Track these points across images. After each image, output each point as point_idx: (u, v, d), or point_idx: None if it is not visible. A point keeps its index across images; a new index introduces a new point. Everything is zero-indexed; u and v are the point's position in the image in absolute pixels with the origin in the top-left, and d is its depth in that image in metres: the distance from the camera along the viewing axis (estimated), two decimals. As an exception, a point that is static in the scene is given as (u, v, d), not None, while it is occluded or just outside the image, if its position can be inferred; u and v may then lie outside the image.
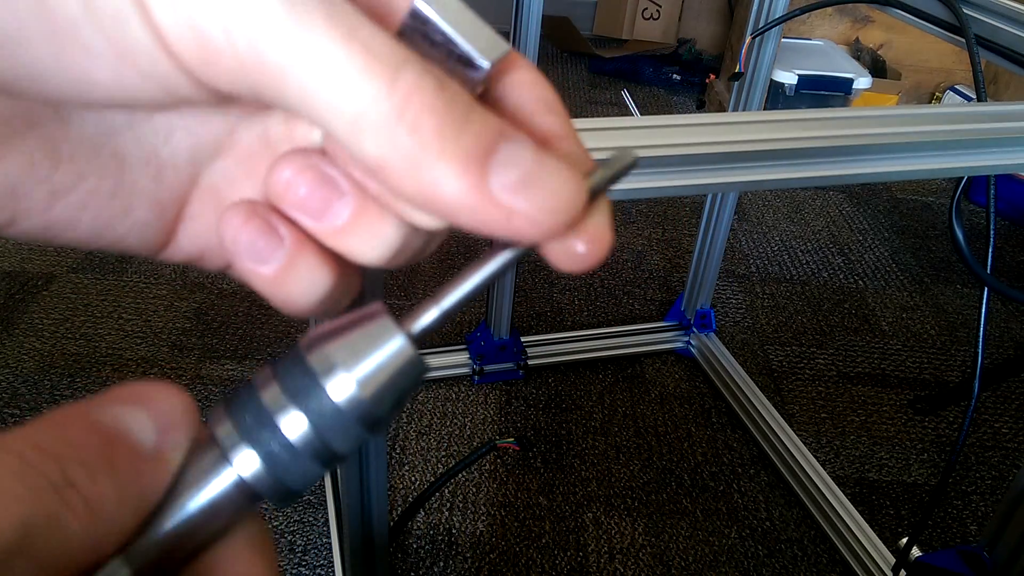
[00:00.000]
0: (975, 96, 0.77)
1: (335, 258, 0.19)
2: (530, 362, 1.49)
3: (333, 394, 0.17)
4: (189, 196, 0.20)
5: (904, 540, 1.03)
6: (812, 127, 0.54)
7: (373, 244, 0.18)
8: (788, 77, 2.21)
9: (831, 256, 1.96)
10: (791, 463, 1.32)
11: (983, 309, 0.81)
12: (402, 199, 0.17)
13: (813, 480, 1.28)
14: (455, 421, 1.40)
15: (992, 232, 0.79)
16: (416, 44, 0.16)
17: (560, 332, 1.58)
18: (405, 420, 1.39)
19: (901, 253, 2.00)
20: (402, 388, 0.17)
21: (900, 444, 1.43)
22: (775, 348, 1.64)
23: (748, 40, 1.21)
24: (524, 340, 1.50)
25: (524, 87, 0.18)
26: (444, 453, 1.34)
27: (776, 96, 2.24)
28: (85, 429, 0.15)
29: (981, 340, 0.84)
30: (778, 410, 1.41)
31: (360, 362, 0.17)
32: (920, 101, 2.62)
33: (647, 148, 0.51)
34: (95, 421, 0.16)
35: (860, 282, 1.87)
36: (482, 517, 1.24)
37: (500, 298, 1.42)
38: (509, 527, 1.23)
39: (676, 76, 2.81)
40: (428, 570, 1.16)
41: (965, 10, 0.80)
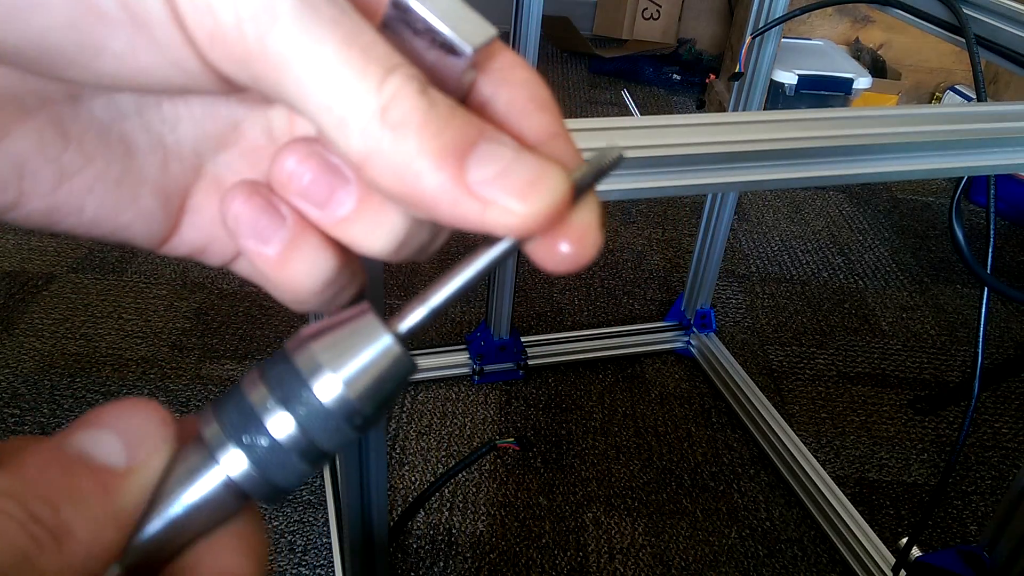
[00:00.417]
0: (975, 96, 0.77)
1: (338, 244, 0.19)
2: (530, 362, 1.49)
3: (320, 394, 0.17)
4: (193, 187, 0.20)
5: (904, 540, 1.03)
6: (812, 127, 0.54)
7: (378, 234, 0.18)
8: (788, 77, 2.21)
9: (831, 256, 1.96)
10: (791, 463, 1.32)
11: (983, 309, 0.81)
12: (385, 194, 0.17)
13: (813, 480, 1.28)
14: (455, 421, 1.40)
15: (992, 232, 0.79)
16: (399, 32, 0.17)
17: (560, 332, 1.58)
18: (405, 420, 1.39)
19: (901, 253, 2.00)
20: (389, 388, 0.17)
21: (900, 444, 1.43)
22: (775, 348, 1.64)
23: (748, 40, 1.21)
24: (524, 340, 1.50)
25: (516, 85, 0.18)
26: (444, 453, 1.34)
27: (776, 96, 2.24)
28: (45, 464, 0.16)
29: (981, 340, 0.84)
30: (778, 410, 1.41)
31: (346, 362, 0.17)
32: (920, 101, 2.62)
33: (647, 148, 0.51)
34: (56, 454, 0.16)
35: (860, 282, 1.87)
36: (482, 517, 1.24)
37: (500, 298, 1.42)
38: (509, 527, 1.23)
39: (676, 76, 2.81)
40: (428, 570, 1.16)
41: (965, 10, 0.80)
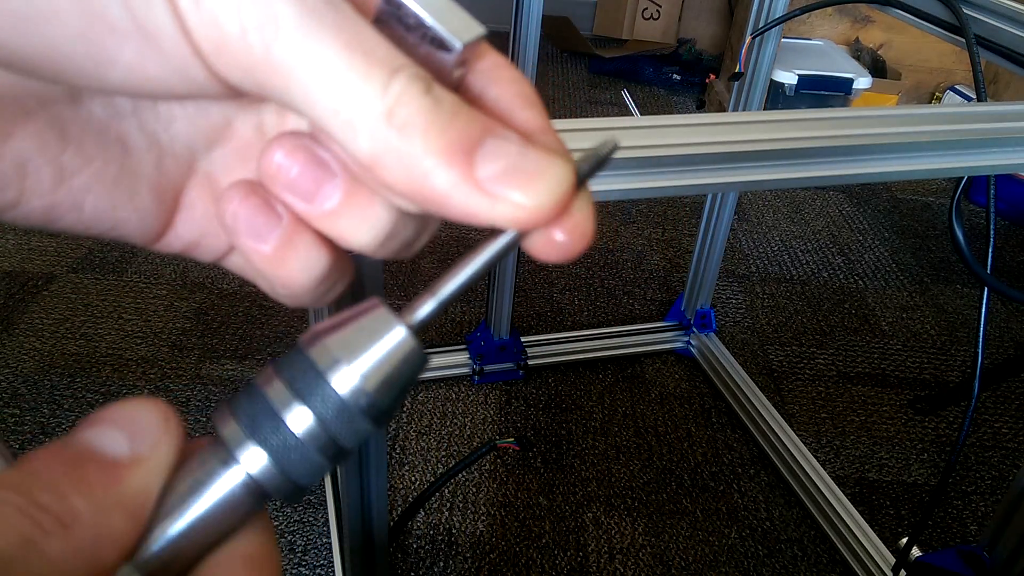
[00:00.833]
0: (975, 96, 0.77)
1: (331, 241, 0.20)
2: (530, 362, 1.49)
3: (337, 387, 0.17)
4: (186, 184, 0.21)
5: (904, 540, 1.03)
6: (812, 127, 0.54)
7: (364, 228, 0.19)
8: (788, 77, 2.21)
9: (831, 256, 1.96)
10: (791, 463, 1.32)
11: (983, 309, 0.81)
12: (395, 193, 0.17)
13: (813, 480, 1.28)
14: (455, 421, 1.40)
15: (992, 232, 0.79)
16: (392, 28, 0.17)
17: (560, 332, 1.58)
18: (405, 420, 1.39)
19: (901, 253, 2.00)
20: (404, 379, 0.18)
21: (900, 444, 1.43)
22: (775, 348, 1.64)
23: (748, 40, 1.21)
24: (524, 340, 1.50)
25: (503, 83, 0.19)
26: (444, 453, 1.34)
27: (776, 96, 2.24)
28: (51, 459, 0.16)
29: (981, 340, 0.84)
30: (778, 410, 1.41)
31: (362, 355, 0.17)
32: (920, 101, 2.62)
33: (647, 148, 0.51)
34: (62, 450, 0.16)
35: (860, 282, 1.87)
36: (482, 517, 1.24)
37: (500, 298, 1.42)
38: (509, 527, 1.23)
39: (676, 76, 2.81)
40: (428, 570, 1.16)
41: (965, 10, 0.80)
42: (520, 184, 0.16)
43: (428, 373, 1.47)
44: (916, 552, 1.02)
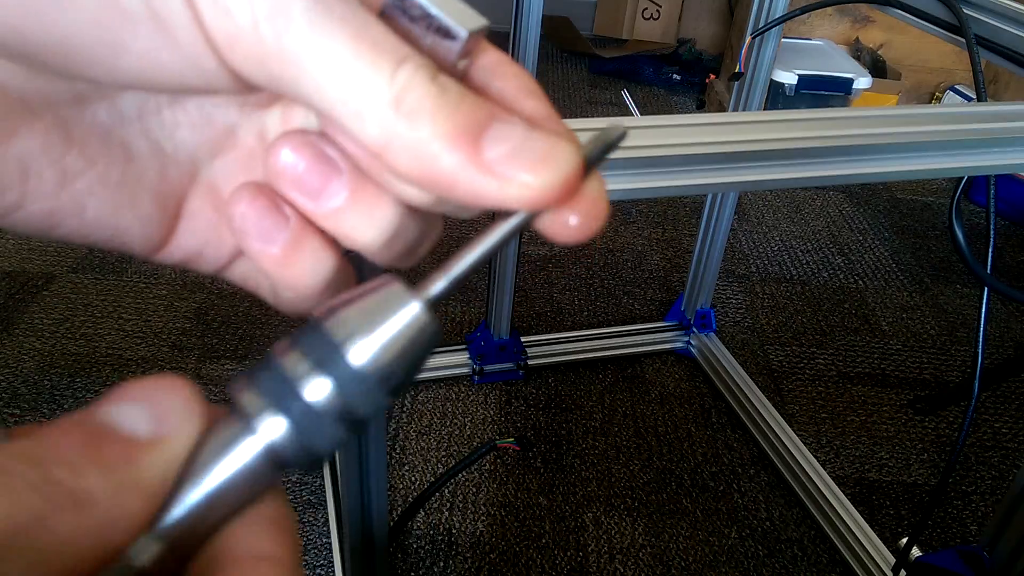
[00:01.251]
0: (975, 96, 0.77)
1: (336, 243, 0.20)
2: (530, 362, 1.49)
3: (354, 358, 0.17)
4: (189, 192, 0.21)
5: (904, 540, 1.03)
6: (812, 127, 0.54)
7: (370, 225, 0.19)
8: (788, 77, 2.21)
9: (831, 256, 1.96)
10: (791, 463, 1.32)
11: (983, 309, 0.81)
12: (405, 179, 0.18)
13: (813, 480, 1.28)
14: (455, 421, 1.40)
15: (992, 232, 0.79)
16: (397, 20, 0.18)
17: (560, 332, 1.58)
18: (405, 420, 1.39)
19: (901, 253, 2.00)
20: (418, 352, 0.18)
21: (900, 444, 1.43)
22: (775, 348, 1.64)
23: (748, 40, 1.21)
24: (524, 340, 1.50)
25: (507, 77, 0.19)
26: (444, 453, 1.34)
27: (776, 96, 2.24)
28: (70, 432, 0.16)
29: (981, 340, 0.84)
30: (778, 410, 1.41)
31: (378, 328, 0.18)
32: (920, 101, 2.62)
33: (647, 148, 0.51)
34: (83, 424, 0.16)
35: (860, 282, 1.87)
36: (482, 517, 1.24)
37: (500, 298, 1.42)
38: (509, 527, 1.23)
39: (676, 76, 2.81)
40: (428, 570, 1.16)
41: (965, 10, 0.80)
42: (527, 165, 0.17)
43: (428, 373, 1.47)
44: (916, 552, 1.02)
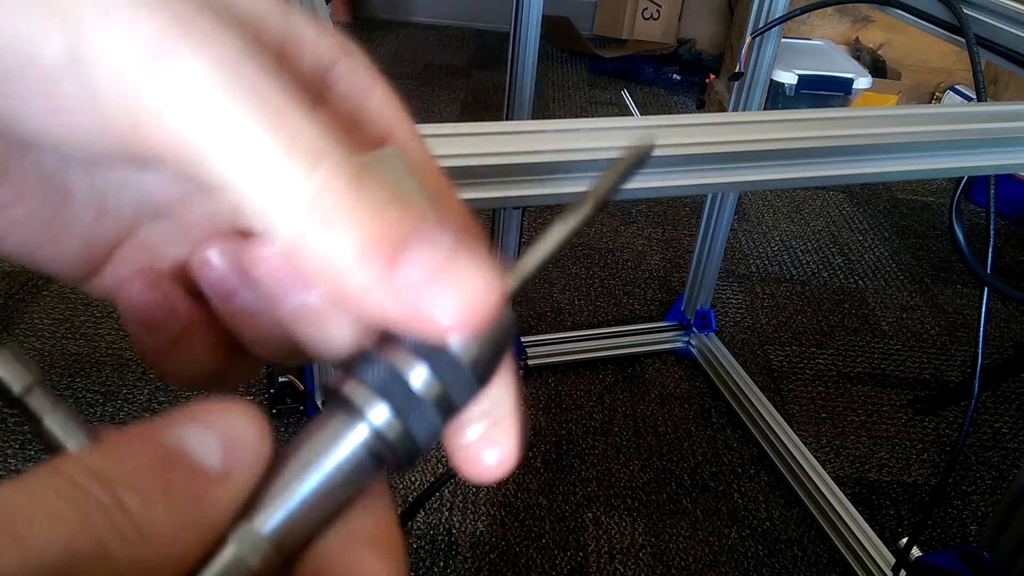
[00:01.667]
0: (975, 96, 0.77)
1: (228, 344, 0.20)
2: (530, 362, 1.49)
3: (453, 347, 0.18)
4: (122, 243, 0.20)
5: (904, 540, 1.03)
6: (812, 127, 0.54)
7: (268, 340, 0.19)
8: (788, 77, 2.21)
9: (831, 256, 1.96)
10: (791, 463, 1.32)
11: (983, 309, 0.81)
12: (311, 284, 0.17)
13: (813, 480, 1.28)
14: (455, 421, 1.40)
15: (992, 232, 0.79)
16: None
17: (560, 332, 1.58)
18: (405, 420, 1.39)
19: (901, 253, 2.00)
20: (503, 341, 0.18)
21: (900, 444, 1.43)
22: (775, 348, 1.64)
23: (748, 40, 1.21)
24: (524, 340, 1.50)
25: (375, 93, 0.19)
26: (444, 453, 1.34)
27: (776, 96, 2.24)
28: (142, 451, 0.15)
29: (981, 340, 0.84)
30: (778, 410, 1.41)
31: None
32: (920, 101, 2.62)
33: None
34: (154, 443, 0.15)
35: (860, 282, 1.87)
36: (482, 517, 1.24)
37: (500, 298, 1.42)
38: (509, 527, 1.23)
39: (676, 76, 2.81)
40: (428, 570, 1.16)
41: (965, 10, 0.80)
42: (440, 298, 0.15)
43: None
44: (916, 552, 1.03)
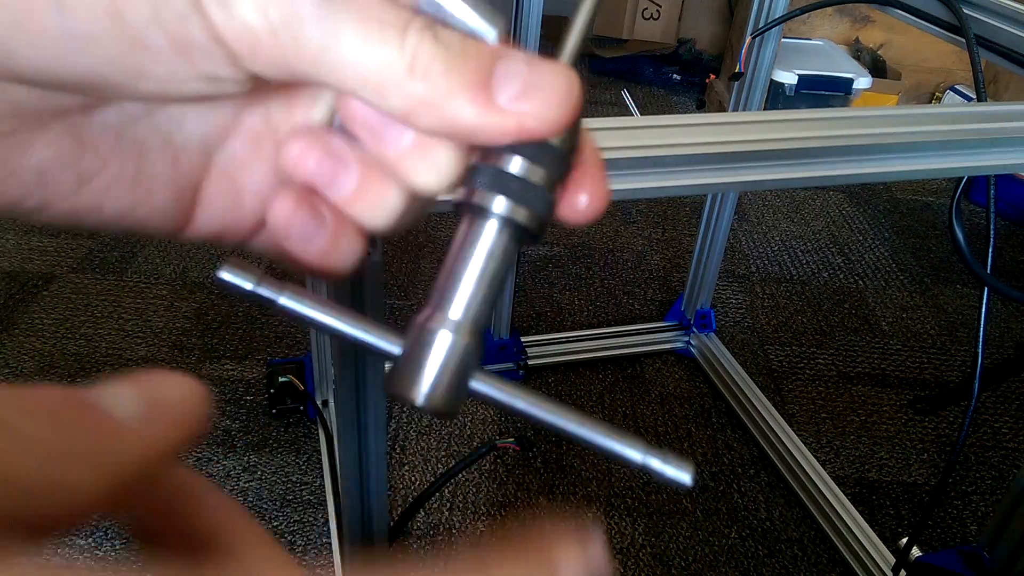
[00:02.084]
0: (975, 96, 0.77)
1: (359, 226, 0.21)
2: (530, 362, 1.49)
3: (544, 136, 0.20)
4: (203, 179, 0.22)
5: (904, 540, 1.03)
6: (812, 127, 0.54)
7: (379, 212, 0.20)
8: (788, 77, 2.21)
9: (831, 256, 1.96)
10: (791, 463, 1.32)
11: (983, 309, 0.81)
12: (433, 135, 0.19)
13: (813, 480, 1.28)
14: (455, 421, 1.40)
15: (992, 232, 0.79)
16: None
17: (560, 332, 1.58)
18: (405, 420, 1.39)
19: (901, 253, 2.00)
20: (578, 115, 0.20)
21: (900, 444, 1.43)
22: (775, 348, 1.64)
23: (748, 40, 1.21)
24: (524, 340, 1.50)
25: None
26: (444, 453, 1.34)
27: (776, 96, 2.23)
28: (54, 396, 0.14)
29: (981, 340, 0.84)
30: (778, 410, 1.41)
31: None
32: (920, 101, 2.62)
33: (647, 148, 0.51)
34: (68, 392, 0.15)
35: (860, 282, 1.87)
36: (482, 517, 1.24)
37: (500, 298, 1.42)
38: (509, 527, 1.23)
39: (676, 76, 2.81)
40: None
41: (965, 10, 0.80)
42: (537, 99, 0.18)
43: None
44: (916, 552, 1.02)
